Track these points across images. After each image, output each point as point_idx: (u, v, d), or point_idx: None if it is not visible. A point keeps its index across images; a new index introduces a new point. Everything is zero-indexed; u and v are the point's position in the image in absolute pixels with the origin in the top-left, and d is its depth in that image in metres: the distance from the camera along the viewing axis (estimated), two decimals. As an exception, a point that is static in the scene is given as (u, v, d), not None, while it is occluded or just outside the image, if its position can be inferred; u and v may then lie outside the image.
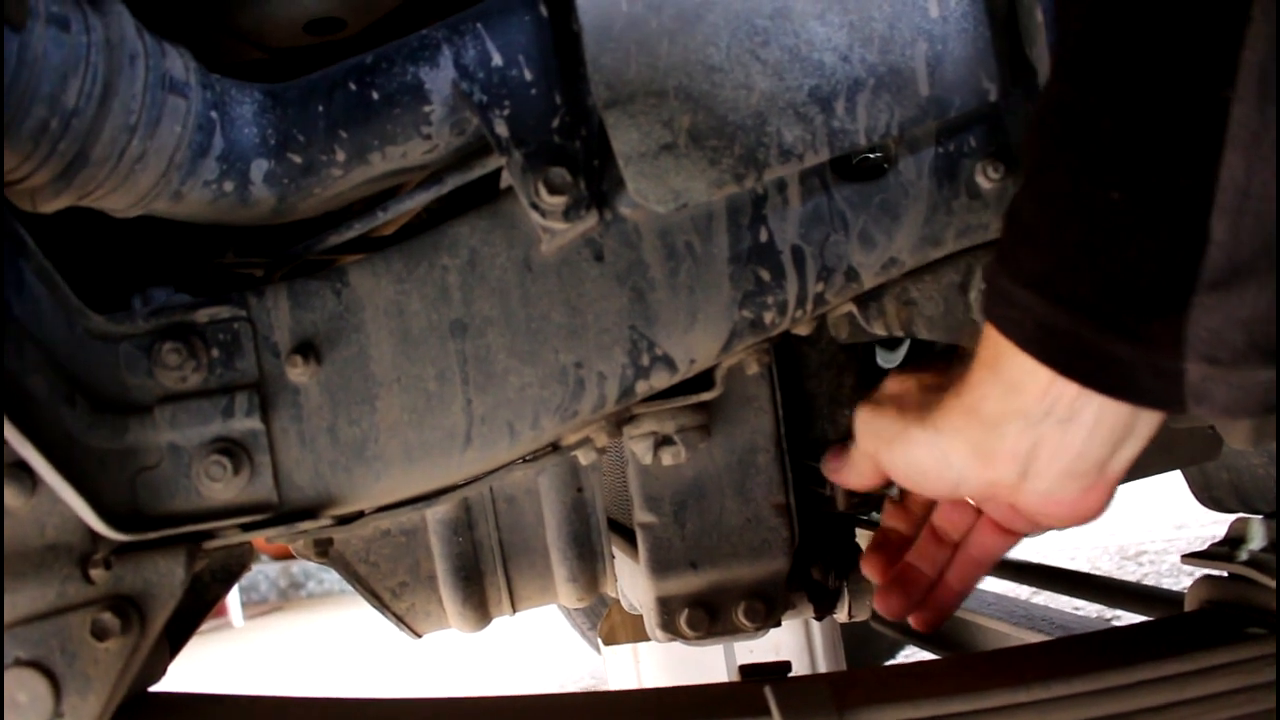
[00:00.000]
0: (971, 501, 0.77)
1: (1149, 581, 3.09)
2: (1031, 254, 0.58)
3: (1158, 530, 3.83)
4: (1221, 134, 0.51)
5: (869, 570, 0.82)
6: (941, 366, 0.73)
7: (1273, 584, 0.81)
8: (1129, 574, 3.28)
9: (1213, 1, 0.51)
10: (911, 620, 0.79)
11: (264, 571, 5.67)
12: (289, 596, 5.64)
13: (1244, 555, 0.86)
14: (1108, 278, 0.54)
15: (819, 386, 0.95)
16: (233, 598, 5.10)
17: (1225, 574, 0.88)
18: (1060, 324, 0.56)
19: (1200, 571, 0.92)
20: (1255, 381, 0.54)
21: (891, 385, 0.76)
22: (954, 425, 0.66)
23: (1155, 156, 0.53)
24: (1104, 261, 0.54)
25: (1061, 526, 0.68)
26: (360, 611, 4.87)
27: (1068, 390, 0.58)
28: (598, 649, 2.10)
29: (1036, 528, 0.72)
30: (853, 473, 0.79)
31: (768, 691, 0.77)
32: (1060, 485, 0.63)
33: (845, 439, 0.89)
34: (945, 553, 0.79)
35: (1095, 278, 0.55)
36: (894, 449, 0.72)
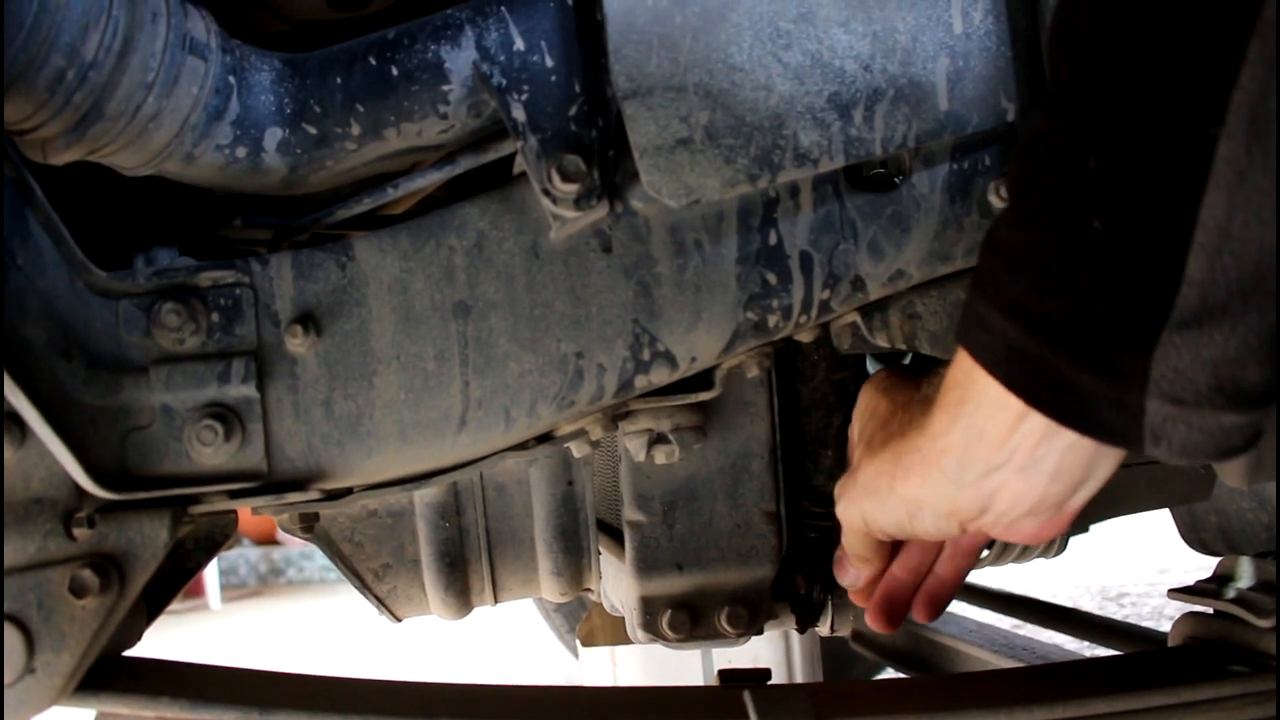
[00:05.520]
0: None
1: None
2: (1008, 278, 0.58)
3: (1140, 573, 3.82)
4: (1206, 172, 0.51)
5: (860, 602, 0.84)
6: (884, 414, 0.76)
7: (1260, 623, 0.81)
8: (1110, 615, 3.28)
9: (1207, 42, 0.51)
10: (914, 613, 0.81)
11: (245, 555, 5.64)
12: (269, 582, 5.61)
13: (1231, 593, 0.85)
14: (1080, 306, 0.54)
15: (807, 424, 0.95)
16: (211, 579, 5.06)
17: (1211, 611, 0.88)
18: (1029, 349, 0.56)
19: (1183, 609, 0.91)
20: (1215, 425, 0.54)
21: (850, 451, 0.79)
22: (919, 478, 0.68)
23: (1139, 189, 0.53)
24: (1078, 289, 0.54)
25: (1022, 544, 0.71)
26: (340, 600, 4.85)
27: (1028, 438, 0.59)
28: (575, 652, 2.09)
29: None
30: (857, 561, 0.81)
31: (746, 697, 0.77)
32: (1019, 522, 0.64)
33: (831, 479, 0.92)
34: (931, 554, 0.79)
35: (1067, 304, 0.55)
36: (877, 517, 0.74)
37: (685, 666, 1.44)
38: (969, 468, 0.63)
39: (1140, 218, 0.53)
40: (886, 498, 0.71)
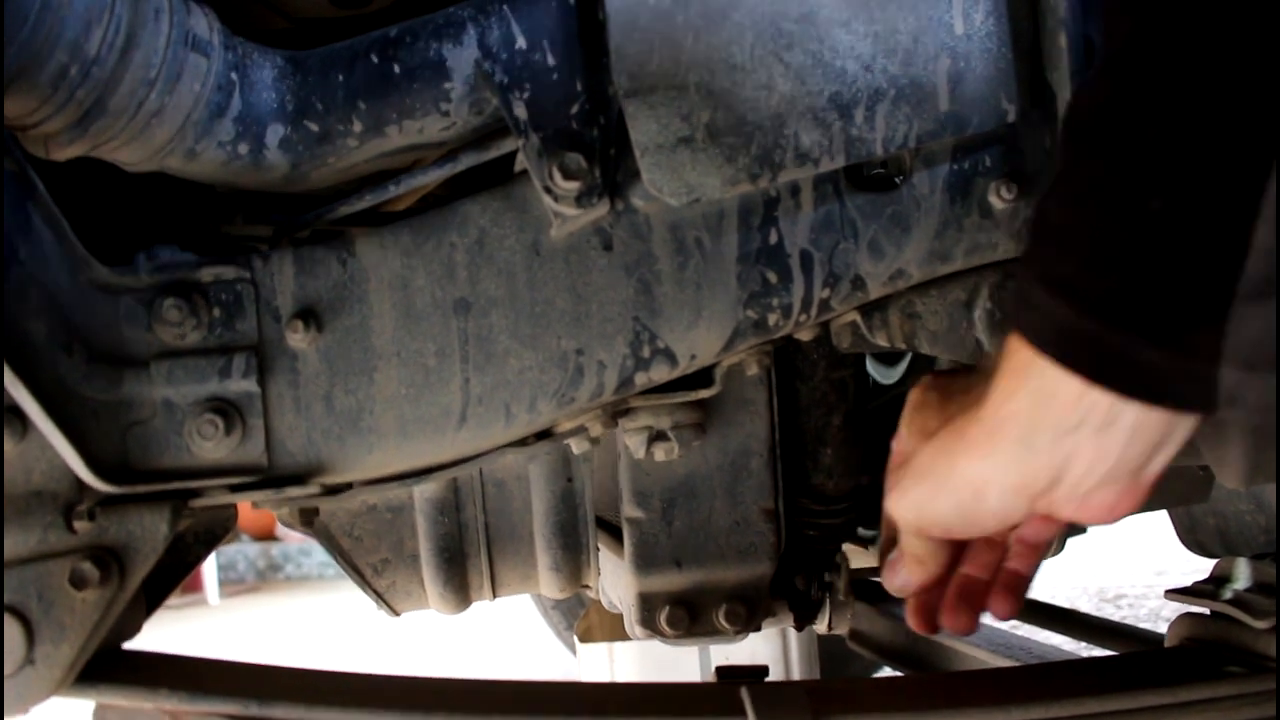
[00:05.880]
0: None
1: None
2: (1057, 256, 0.56)
3: (1137, 575, 3.82)
4: (1273, 143, 0.49)
5: (919, 626, 0.76)
6: (934, 399, 0.71)
7: (1257, 624, 0.81)
8: (1107, 617, 3.28)
9: (1274, 9, 0.49)
10: (993, 608, 0.74)
11: (243, 551, 5.64)
12: (267, 578, 5.61)
13: (1228, 594, 0.86)
14: (1140, 284, 0.53)
15: (806, 422, 0.95)
16: (209, 575, 5.06)
17: (1207, 612, 0.88)
18: (1085, 328, 0.54)
19: (1180, 610, 0.92)
20: None
21: (900, 446, 0.72)
22: (983, 451, 0.63)
23: (1202, 166, 0.51)
24: (1137, 267, 0.53)
25: (1095, 524, 0.67)
26: (338, 597, 4.85)
27: (1104, 397, 0.56)
28: (572, 649, 2.09)
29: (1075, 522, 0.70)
30: (913, 563, 0.73)
31: (744, 693, 0.77)
32: (1095, 493, 0.61)
33: (830, 474, 0.90)
34: (999, 552, 0.74)
35: (1126, 283, 0.53)
36: (934, 505, 0.67)
37: (682, 663, 1.45)
38: (1040, 432, 0.59)
39: (1205, 192, 0.51)
40: (946, 480, 0.66)
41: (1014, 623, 1.87)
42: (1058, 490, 0.61)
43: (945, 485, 0.66)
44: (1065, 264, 0.56)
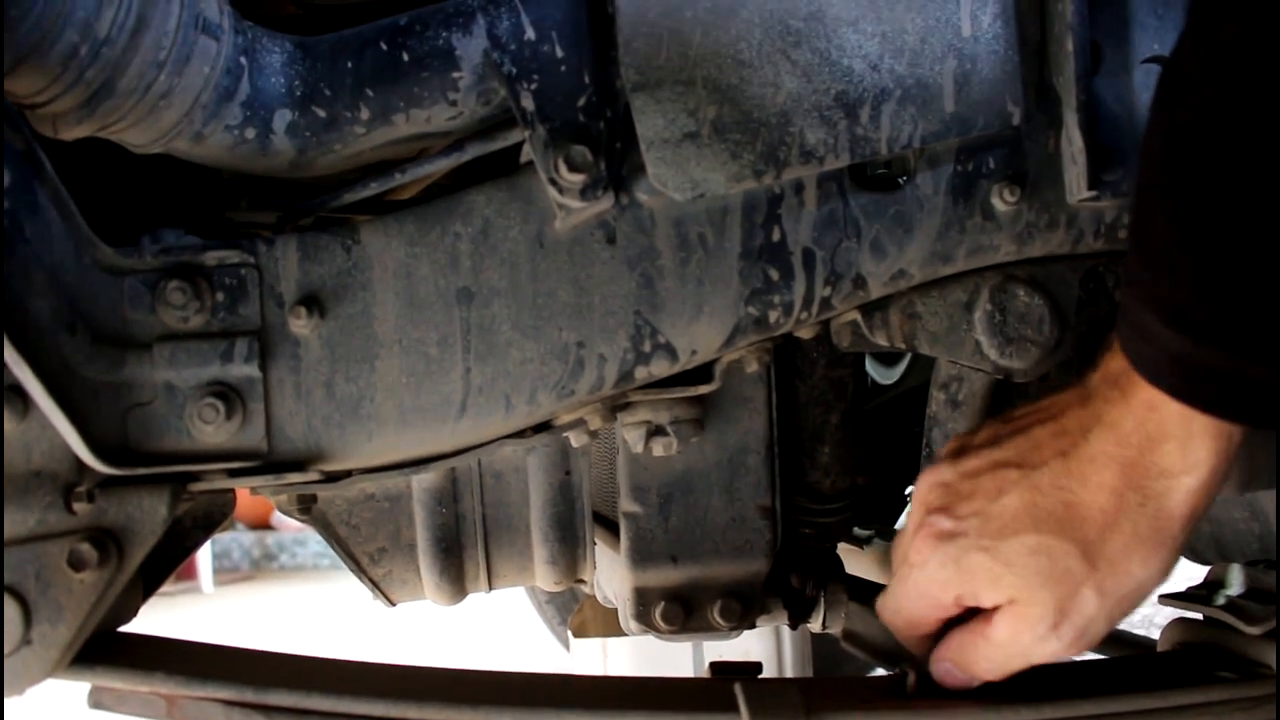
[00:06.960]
0: None
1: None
2: (1169, 283, 0.52)
3: (1132, 583, 3.82)
4: None
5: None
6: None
7: (1250, 630, 0.81)
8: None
9: None
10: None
11: (238, 539, 5.64)
12: (261, 567, 5.61)
13: (1222, 599, 0.86)
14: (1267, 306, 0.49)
15: (804, 420, 0.95)
16: (204, 562, 5.06)
17: (1200, 617, 0.88)
18: (1206, 360, 0.51)
19: (1173, 615, 0.92)
20: None
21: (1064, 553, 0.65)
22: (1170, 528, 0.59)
23: None
24: (1263, 288, 0.49)
25: None
26: (332, 587, 4.85)
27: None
28: (566, 643, 2.10)
29: None
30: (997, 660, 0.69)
31: (737, 689, 0.77)
32: None
33: (826, 472, 0.90)
34: None
35: (1251, 308, 0.49)
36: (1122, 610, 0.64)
37: (675, 660, 1.45)
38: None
39: None
40: (1129, 572, 0.62)
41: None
42: None
43: (1140, 581, 0.63)
44: (1179, 292, 0.51)
